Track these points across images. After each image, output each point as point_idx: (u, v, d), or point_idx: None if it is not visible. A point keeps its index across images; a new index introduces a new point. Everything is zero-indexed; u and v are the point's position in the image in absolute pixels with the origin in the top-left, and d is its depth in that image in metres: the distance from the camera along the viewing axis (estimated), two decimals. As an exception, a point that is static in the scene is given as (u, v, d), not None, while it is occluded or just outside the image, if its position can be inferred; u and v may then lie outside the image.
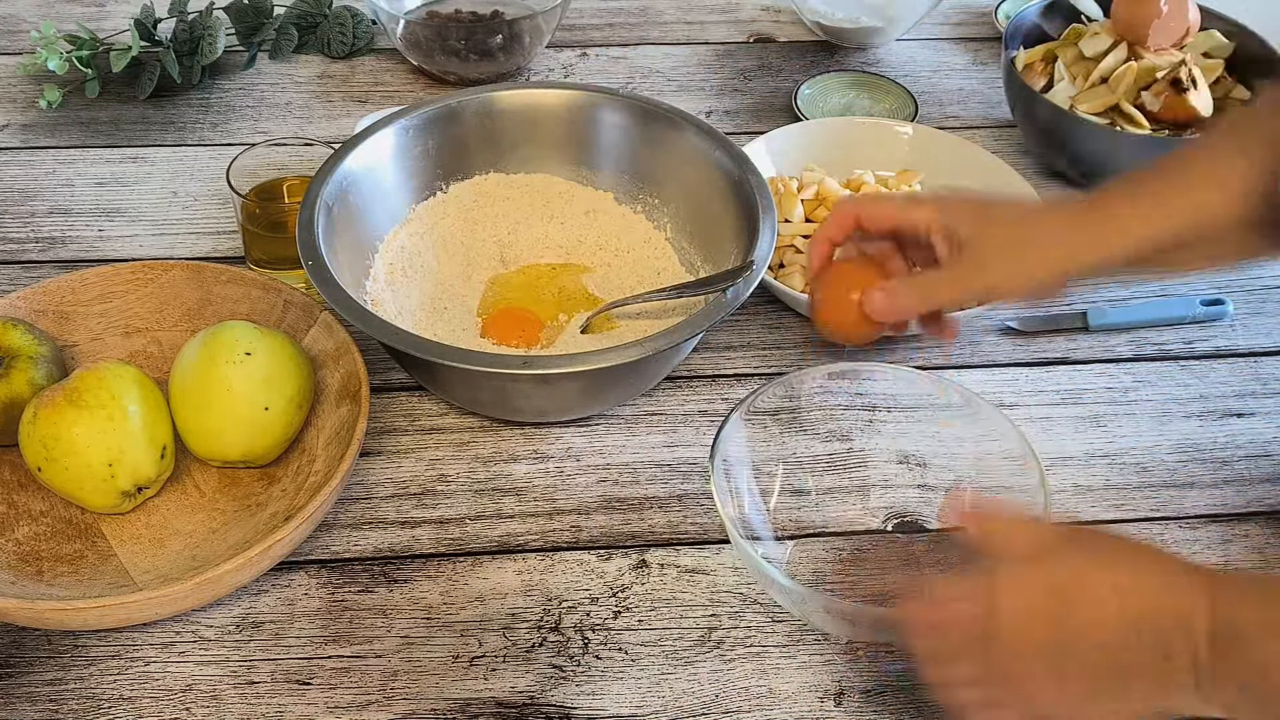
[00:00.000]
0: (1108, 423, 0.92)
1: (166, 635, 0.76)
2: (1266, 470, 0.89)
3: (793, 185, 1.02)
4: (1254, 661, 0.55)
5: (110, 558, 0.79)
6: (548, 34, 1.26)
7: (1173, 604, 0.57)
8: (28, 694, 0.73)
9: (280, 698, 0.73)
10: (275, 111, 1.21)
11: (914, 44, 1.33)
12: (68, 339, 0.90)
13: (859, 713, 0.73)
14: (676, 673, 0.75)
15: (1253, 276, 1.05)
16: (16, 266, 1.02)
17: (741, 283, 0.85)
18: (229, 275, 0.91)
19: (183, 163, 1.14)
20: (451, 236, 1.00)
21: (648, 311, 0.95)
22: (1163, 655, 0.57)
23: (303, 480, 0.82)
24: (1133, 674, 0.58)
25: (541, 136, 1.02)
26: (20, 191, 1.10)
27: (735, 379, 0.94)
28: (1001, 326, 0.99)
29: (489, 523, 0.84)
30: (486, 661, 0.76)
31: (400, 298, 0.95)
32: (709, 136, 0.98)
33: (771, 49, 1.33)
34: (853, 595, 0.65)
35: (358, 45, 1.28)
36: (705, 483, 0.86)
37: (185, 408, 0.81)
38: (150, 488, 0.81)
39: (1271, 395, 0.95)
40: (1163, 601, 0.57)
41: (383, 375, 0.93)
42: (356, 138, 0.96)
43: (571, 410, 0.89)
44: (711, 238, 0.97)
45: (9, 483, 0.83)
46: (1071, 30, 1.16)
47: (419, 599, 0.79)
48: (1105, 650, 0.58)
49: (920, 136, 1.10)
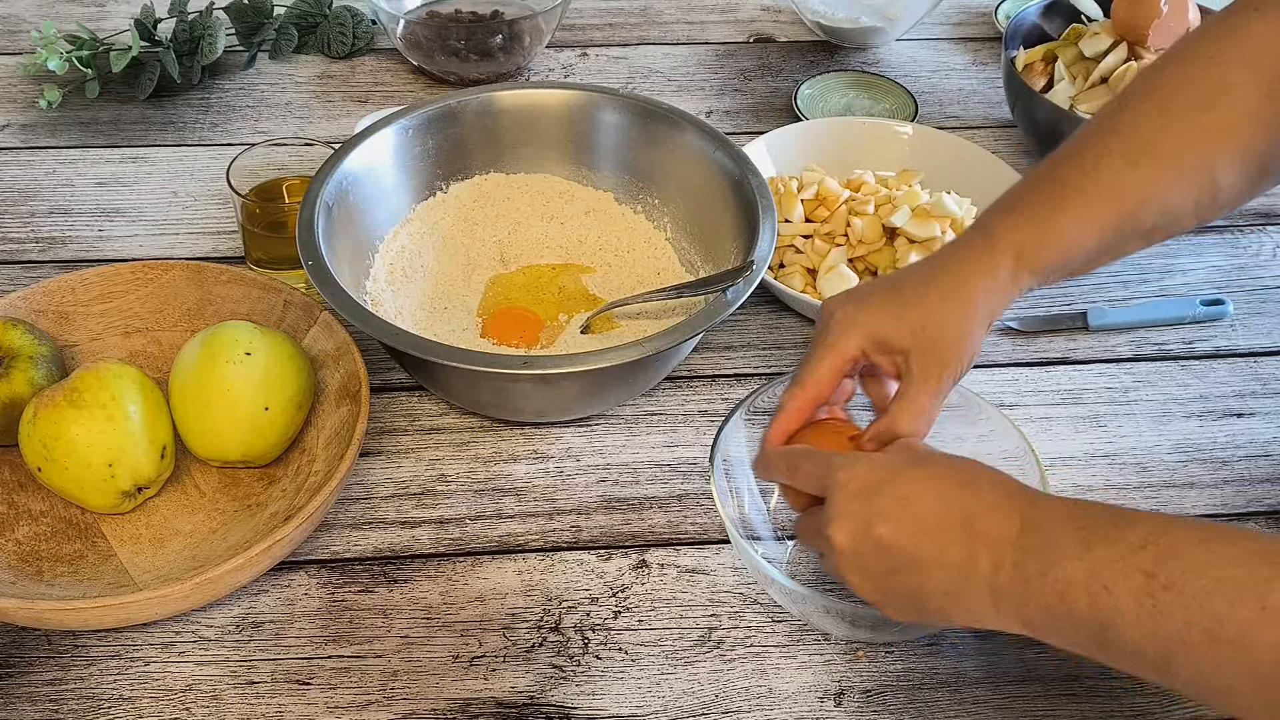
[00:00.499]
0: (1108, 423, 0.92)
1: (166, 635, 0.76)
2: (1266, 470, 0.89)
3: (793, 185, 1.02)
4: (1052, 582, 0.57)
5: (110, 558, 0.79)
6: (548, 34, 1.26)
7: (986, 520, 0.60)
8: (28, 694, 0.73)
9: (280, 698, 0.73)
10: (275, 111, 1.21)
11: (914, 44, 1.33)
12: (68, 339, 0.90)
13: (859, 713, 0.73)
14: (676, 673, 0.75)
15: (1253, 276, 1.05)
16: (16, 266, 1.02)
17: (741, 283, 0.85)
18: (229, 275, 0.91)
19: (183, 163, 1.14)
20: (451, 236, 1.00)
21: (648, 311, 0.95)
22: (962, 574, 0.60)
23: (303, 480, 0.82)
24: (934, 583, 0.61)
25: (541, 136, 1.02)
26: (20, 191, 1.10)
27: (735, 379, 0.94)
28: (1002, 326, 0.99)
29: (489, 523, 0.84)
30: (486, 661, 0.76)
31: (400, 298, 0.95)
32: (709, 136, 0.98)
33: (771, 49, 1.33)
34: (853, 595, 0.65)
35: (358, 45, 1.28)
36: (705, 483, 0.86)
37: (185, 408, 0.81)
38: (150, 488, 0.81)
39: (1271, 395, 0.95)
40: (978, 513, 0.60)
41: (383, 375, 0.93)
42: (356, 138, 0.96)
43: (571, 410, 0.89)
44: (711, 238, 0.97)
45: (9, 483, 0.83)
46: (1071, 30, 1.16)
47: (419, 599, 0.79)
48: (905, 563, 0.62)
49: (920, 136, 1.10)
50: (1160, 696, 0.75)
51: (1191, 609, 0.52)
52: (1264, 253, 1.07)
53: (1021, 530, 0.59)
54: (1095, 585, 0.55)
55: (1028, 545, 0.59)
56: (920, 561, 0.61)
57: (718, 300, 0.85)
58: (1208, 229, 1.09)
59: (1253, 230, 1.09)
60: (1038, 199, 0.72)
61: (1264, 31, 0.69)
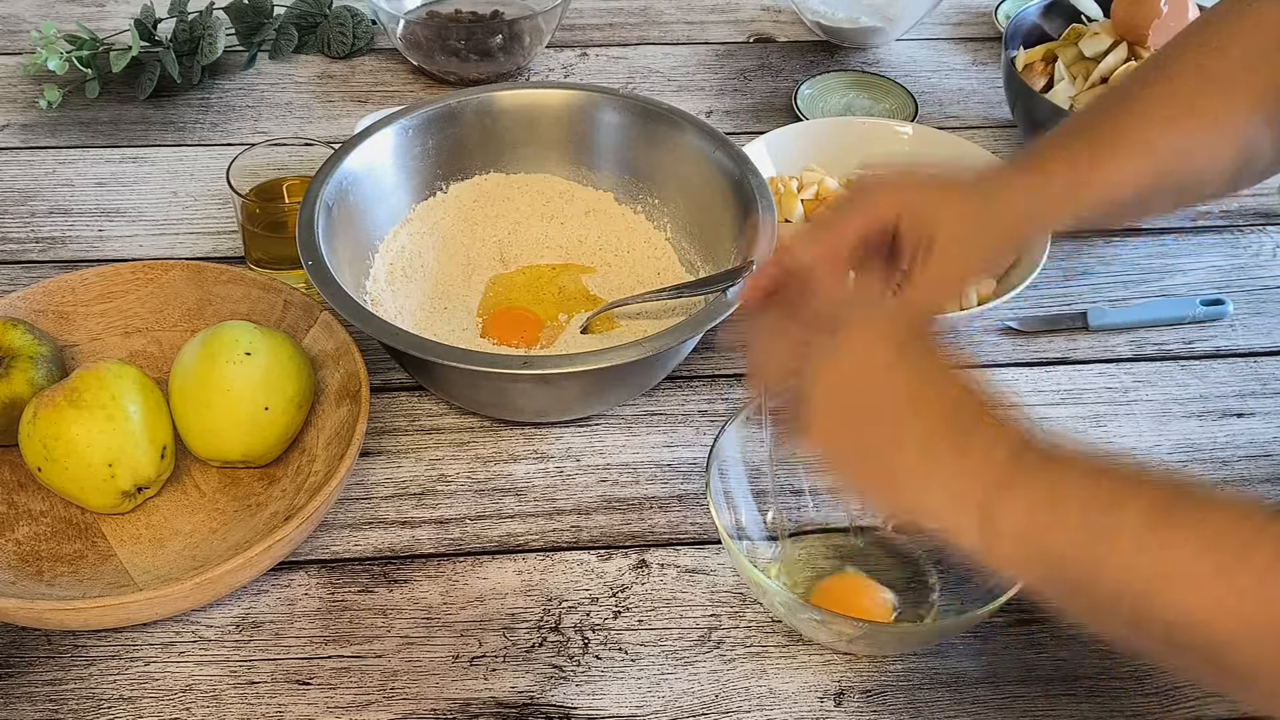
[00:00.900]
0: (1108, 423, 0.92)
1: (166, 635, 0.76)
2: (1266, 470, 0.89)
3: (793, 185, 1.02)
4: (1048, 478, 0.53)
5: (110, 558, 0.79)
6: (548, 34, 1.26)
7: (989, 423, 0.56)
8: (28, 694, 0.73)
9: (280, 698, 0.73)
10: (275, 111, 1.21)
11: (914, 44, 1.33)
12: (68, 339, 0.90)
13: (859, 713, 0.73)
14: (676, 673, 0.75)
15: (1253, 276, 1.05)
16: (16, 266, 1.02)
17: (741, 283, 0.85)
18: (229, 275, 0.91)
19: (183, 163, 1.14)
20: (451, 236, 1.00)
21: (648, 311, 0.95)
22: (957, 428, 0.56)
23: (303, 480, 0.82)
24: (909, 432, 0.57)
25: (541, 136, 1.02)
26: (20, 191, 1.10)
27: (735, 379, 0.94)
28: (1001, 326, 0.99)
29: (489, 523, 0.84)
30: (486, 661, 0.76)
31: (400, 298, 0.95)
32: (709, 136, 0.98)
33: (771, 49, 1.33)
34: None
35: (358, 45, 1.28)
36: (705, 483, 0.86)
37: (185, 408, 0.81)
38: (150, 488, 0.81)
39: (1271, 395, 0.95)
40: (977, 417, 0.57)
41: (383, 375, 0.93)
42: (356, 138, 0.96)
43: (571, 410, 0.89)
44: (711, 238, 0.97)
45: (9, 483, 0.83)
46: (1071, 30, 1.16)
47: (419, 599, 0.79)
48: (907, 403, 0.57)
49: (920, 136, 1.10)
50: (1160, 696, 0.75)
51: (1208, 537, 0.49)
52: (1264, 253, 1.07)
53: (1023, 439, 0.55)
54: (1102, 497, 0.52)
55: (1027, 444, 0.55)
56: (905, 414, 0.57)
57: (718, 300, 0.85)
58: (1207, 229, 1.09)
59: (1253, 230, 1.09)
60: (1078, 143, 0.72)
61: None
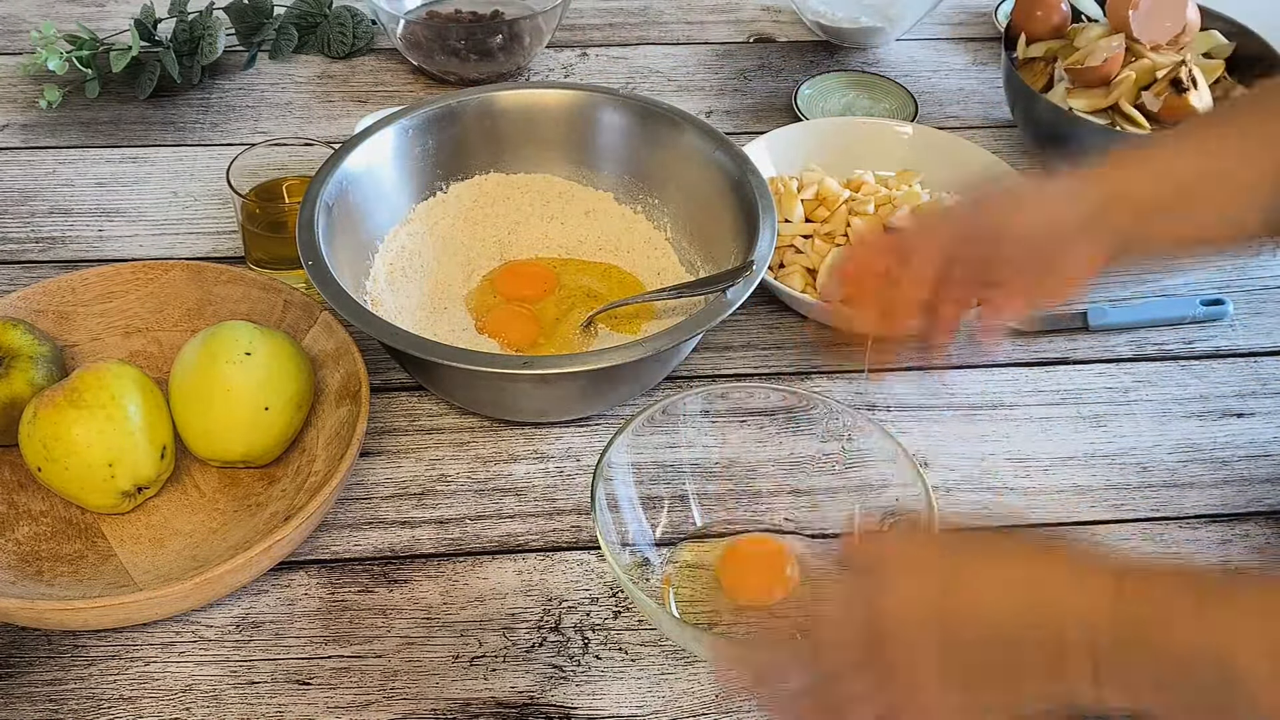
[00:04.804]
0: (1108, 423, 0.92)
1: (166, 635, 0.76)
2: (1266, 470, 0.89)
3: (793, 185, 1.02)
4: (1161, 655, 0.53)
5: (110, 558, 0.79)
6: (548, 34, 1.26)
7: (1068, 597, 0.56)
8: (28, 694, 0.73)
9: (280, 698, 0.73)
10: (275, 111, 1.21)
11: (914, 44, 1.33)
12: (68, 339, 0.90)
13: (859, 713, 0.73)
14: (676, 673, 0.75)
15: (1253, 276, 1.05)
16: (16, 266, 1.02)
17: (741, 283, 0.85)
18: (229, 275, 0.91)
19: (183, 163, 1.14)
20: (451, 236, 1.00)
21: (647, 311, 0.95)
22: (1055, 649, 0.55)
23: (303, 480, 0.82)
24: (1024, 668, 0.56)
25: (541, 136, 1.02)
26: (20, 191, 1.10)
27: (735, 379, 0.94)
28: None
29: (489, 523, 0.84)
30: (486, 661, 0.76)
31: (400, 297, 0.95)
32: (709, 136, 0.98)
33: (771, 49, 1.33)
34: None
35: (358, 45, 1.28)
36: (705, 483, 0.86)
37: (185, 407, 0.81)
38: (150, 488, 0.81)
39: (1271, 395, 0.95)
40: (1056, 594, 0.56)
41: (383, 375, 0.93)
42: (356, 138, 0.96)
43: (571, 410, 0.89)
44: (711, 238, 0.97)
45: (9, 483, 0.83)
46: (1072, 30, 1.16)
47: (419, 599, 0.79)
48: (992, 644, 0.56)
49: (920, 136, 1.10)
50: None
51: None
52: (1264, 253, 1.07)
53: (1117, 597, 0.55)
54: (1218, 646, 0.52)
55: (1120, 591, 0.55)
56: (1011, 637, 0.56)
57: (718, 300, 0.85)
58: (1208, 229, 1.09)
59: (1253, 230, 1.09)
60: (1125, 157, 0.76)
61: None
